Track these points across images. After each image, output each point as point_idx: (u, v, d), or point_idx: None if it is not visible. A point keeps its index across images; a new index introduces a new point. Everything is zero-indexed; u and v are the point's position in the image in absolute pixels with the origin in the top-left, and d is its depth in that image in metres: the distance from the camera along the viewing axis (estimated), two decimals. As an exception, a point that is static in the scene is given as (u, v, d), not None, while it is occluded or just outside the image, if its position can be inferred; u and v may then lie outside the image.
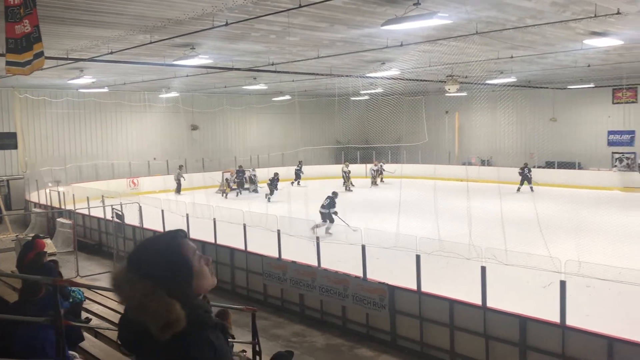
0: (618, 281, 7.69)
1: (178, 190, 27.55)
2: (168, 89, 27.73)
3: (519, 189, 26.16)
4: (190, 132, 33.08)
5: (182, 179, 27.97)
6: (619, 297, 9.60)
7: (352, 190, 27.98)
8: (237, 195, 27.45)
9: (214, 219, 13.52)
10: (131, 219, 15.93)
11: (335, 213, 17.10)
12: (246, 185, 28.55)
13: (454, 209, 19.21)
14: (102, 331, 6.96)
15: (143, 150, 30.90)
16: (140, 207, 15.80)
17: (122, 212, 15.95)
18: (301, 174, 31.01)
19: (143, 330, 1.67)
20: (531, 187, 26.20)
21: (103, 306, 8.54)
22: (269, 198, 24.61)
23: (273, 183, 25.37)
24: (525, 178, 26.57)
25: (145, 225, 15.56)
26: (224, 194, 27.24)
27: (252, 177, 28.98)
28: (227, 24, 11.05)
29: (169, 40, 13.24)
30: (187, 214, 14.06)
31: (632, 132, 29.14)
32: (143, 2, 9.92)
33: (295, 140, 34.18)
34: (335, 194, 17.96)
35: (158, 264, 1.77)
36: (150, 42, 13.26)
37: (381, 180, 31.27)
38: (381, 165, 31.78)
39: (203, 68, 18.49)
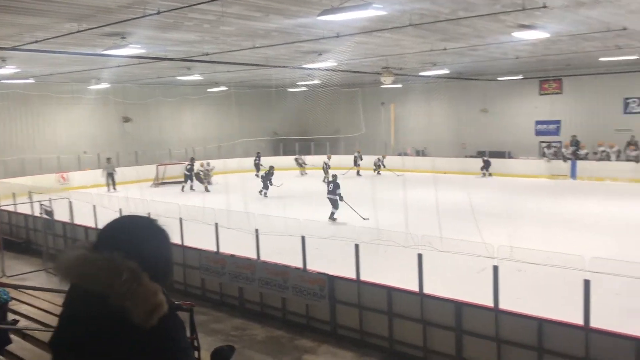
0: (547, 265, 7.99)
1: (113, 184, 26.32)
2: (98, 80, 26.72)
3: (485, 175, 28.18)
4: (122, 124, 32.12)
5: (114, 173, 26.68)
6: (547, 280, 10.01)
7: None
8: (182, 189, 26.22)
9: (148, 213, 13.16)
10: (61, 215, 15.31)
11: (341, 198, 17.24)
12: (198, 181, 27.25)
13: (391, 198, 19.55)
14: (31, 332, 6.66)
15: (73, 143, 29.74)
16: (70, 203, 15.21)
17: (51, 208, 15.30)
18: (261, 166, 30.54)
19: (109, 325, 1.56)
20: (490, 173, 28.00)
21: (32, 306, 8.16)
22: (264, 193, 23.16)
23: (267, 177, 23.76)
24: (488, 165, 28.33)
25: (77, 222, 15.01)
26: (183, 187, 26.28)
27: (207, 171, 27.26)
28: (159, 13, 10.76)
29: (98, 29, 12.76)
30: (120, 209, 13.63)
31: (558, 122, 30.46)
32: (69, -12, 9.51)
33: (232, 132, 33.81)
34: (335, 176, 18.19)
35: (144, 246, 1.69)
36: (78, 31, 12.74)
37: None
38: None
39: (135, 58, 17.96)
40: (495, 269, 7.93)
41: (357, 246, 9.44)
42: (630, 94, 27.98)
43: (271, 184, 23.50)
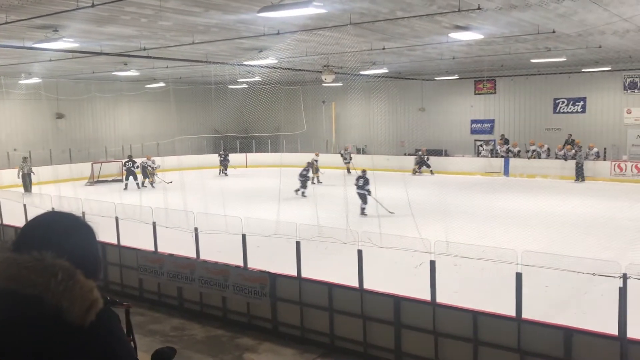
0: (481, 259, 8.25)
1: (28, 187, 23.79)
2: (29, 74, 25.63)
3: (415, 172, 28.68)
4: (55, 120, 30.92)
5: (31, 173, 24.27)
6: (482, 274, 10.34)
7: (321, 182, 26.04)
8: (126, 187, 25.41)
9: (83, 212, 12.74)
10: (-12, 215, 14.63)
11: (369, 193, 17.85)
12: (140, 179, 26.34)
13: (332, 195, 19.68)
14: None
15: (1, 140, 28.42)
16: (-1, 202, 14.56)
17: (-23, 208, 14.59)
18: (227, 163, 30.74)
19: (45, 326, 1.51)
20: (431, 171, 28.63)
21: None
22: (302, 193, 21.79)
23: (307, 175, 22.67)
24: (424, 163, 28.89)
25: (5, 222, 14.37)
26: (126, 186, 25.45)
27: (150, 167, 26.49)
28: (93, 6, 10.41)
29: (28, 21, 12.23)
30: (53, 208, 13.14)
31: (492, 120, 31.51)
32: (-5, -23, 9.08)
33: (171, 129, 33.15)
34: (364, 171, 18.49)
35: (73, 243, 1.64)
36: (6, 22, 12.15)
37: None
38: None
39: (68, 52, 17.31)
40: (432, 263, 8.13)
41: (298, 243, 9.47)
42: (560, 95, 29.27)
43: (318, 182, 22.61)
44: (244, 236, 10.10)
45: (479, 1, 11.33)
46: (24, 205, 13.77)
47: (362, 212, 17.87)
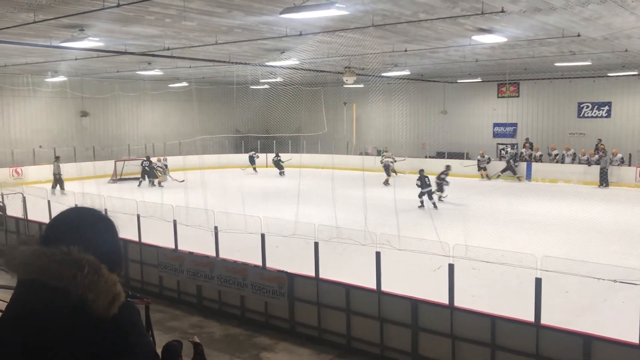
0: (500, 263, 8.21)
1: (61, 185, 23.99)
2: (55, 72, 26.08)
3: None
4: (80, 118, 31.39)
5: (60, 174, 24.38)
6: (501, 278, 10.27)
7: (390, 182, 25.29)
8: (140, 184, 25.96)
9: (105, 209, 12.93)
10: (14, 210, 14.90)
11: (447, 184, 19.38)
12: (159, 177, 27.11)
13: (351, 197, 19.69)
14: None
15: (27, 137, 28.94)
16: (24, 198, 14.81)
17: (3, 204, 14.89)
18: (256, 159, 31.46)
19: (70, 317, 1.58)
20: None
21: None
22: (439, 197, 20.07)
23: (444, 179, 20.79)
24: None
25: (30, 217, 14.62)
26: (140, 183, 26.04)
27: (163, 167, 27.38)
28: (118, 5, 10.57)
29: (56, 21, 12.45)
30: (76, 205, 13.35)
31: (515, 124, 31.22)
32: (25, -23, 9.26)
33: (193, 129, 33.45)
34: (448, 166, 20.37)
35: (97, 237, 1.71)
36: (35, 22, 12.40)
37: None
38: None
39: (93, 51, 17.59)
40: (451, 267, 8.10)
41: (316, 244, 9.49)
42: (584, 99, 28.88)
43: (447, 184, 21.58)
44: (263, 236, 10.16)
45: (502, 4, 11.27)
46: (48, 202, 14.01)
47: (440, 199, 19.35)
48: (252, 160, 31.83)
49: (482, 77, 29.32)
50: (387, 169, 27.01)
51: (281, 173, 30.37)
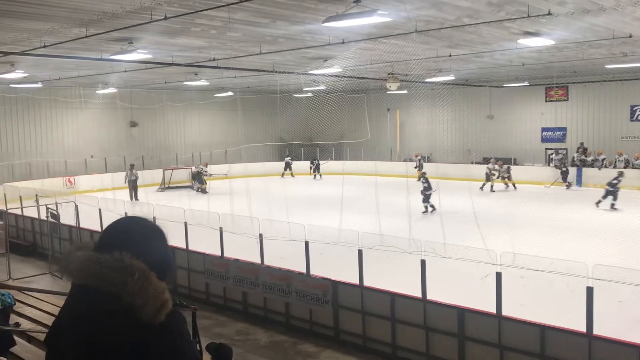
0: (549, 271, 8.01)
1: (135, 194, 25.08)
2: (105, 84, 26.91)
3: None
4: (129, 128, 32.27)
5: (136, 179, 25.54)
6: (550, 287, 10.00)
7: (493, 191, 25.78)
8: (200, 190, 27.33)
9: (154, 217, 13.25)
10: (67, 218, 15.42)
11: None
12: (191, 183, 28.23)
13: (395, 204, 19.54)
14: (35, 335, 6.71)
15: (79, 148, 29.92)
16: (76, 206, 15.31)
17: (57, 212, 15.40)
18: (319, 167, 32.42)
19: (120, 321, 1.64)
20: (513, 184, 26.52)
21: (37, 309, 8.23)
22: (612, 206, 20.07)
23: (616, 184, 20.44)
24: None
25: (82, 225, 15.09)
26: (200, 190, 27.24)
27: (202, 172, 28.36)
28: (166, 18, 10.84)
29: (106, 34, 12.86)
30: (126, 213, 13.71)
31: (564, 129, 30.43)
32: (77, -6, 9.60)
33: (238, 137, 33.93)
34: (621, 172, 20.76)
35: (148, 246, 1.78)
36: (86, 36, 12.84)
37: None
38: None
39: (142, 63, 18.07)
40: (498, 275, 7.95)
41: (360, 252, 9.47)
42: (637, 101, 27.91)
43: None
44: (306, 243, 10.21)
45: (549, 6, 11.02)
46: (99, 210, 14.44)
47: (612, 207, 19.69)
48: (288, 166, 32.51)
49: (529, 80, 28.71)
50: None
51: (315, 177, 31.67)
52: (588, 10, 11.63)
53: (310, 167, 32.98)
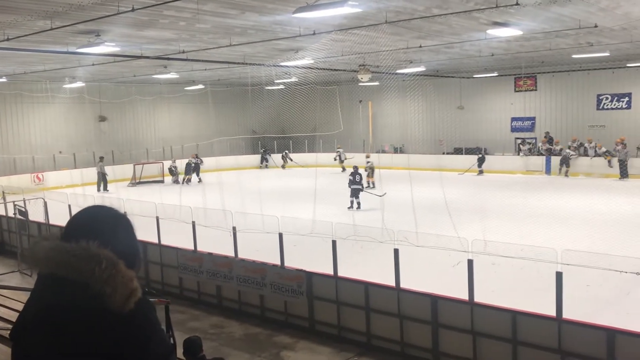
0: (519, 257, 8.15)
1: (104, 186, 25.88)
2: (73, 78, 26.40)
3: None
4: (98, 123, 31.75)
5: (105, 174, 26.22)
6: (520, 273, 10.18)
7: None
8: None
9: (125, 212, 13.06)
10: (36, 215, 15.13)
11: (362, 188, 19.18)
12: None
13: (368, 195, 19.64)
14: (5, 333, 6.58)
15: (47, 143, 29.34)
16: (45, 203, 15.03)
17: (25, 209, 15.10)
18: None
19: (88, 310, 1.61)
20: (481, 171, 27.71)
21: (6, 307, 8.06)
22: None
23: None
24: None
25: (52, 222, 14.82)
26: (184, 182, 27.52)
27: (172, 168, 28.68)
28: (133, 10, 10.67)
29: (72, 27, 12.60)
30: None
31: (533, 118, 30.92)
32: (40, -16, 9.38)
33: (210, 131, 33.67)
34: (356, 167, 19.92)
35: (115, 234, 1.75)
36: (51, 29, 12.57)
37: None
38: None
39: (110, 56, 17.78)
40: (470, 262, 8.05)
41: (334, 242, 9.50)
42: (603, 91, 28.49)
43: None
44: (280, 235, 10.20)
45: (517, -4, 11.15)
46: (69, 206, 14.18)
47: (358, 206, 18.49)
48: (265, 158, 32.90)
49: (499, 71, 29.06)
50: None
51: (283, 166, 32.54)
52: (555, 0, 11.80)
53: (283, 158, 33.27)
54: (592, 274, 8.62)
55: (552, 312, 7.41)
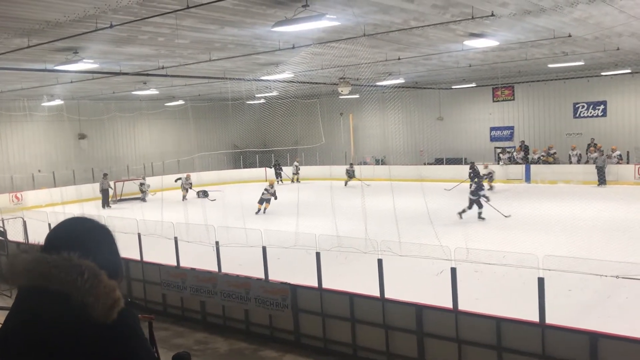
0: (502, 264, 8.22)
1: (106, 202, 26.37)
2: (51, 96, 26.16)
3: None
4: (78, 141, 31.47)
5: (110, 189, 26.80)
6: (503, 280, 10.25)
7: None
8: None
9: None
10: (15, 235, 14.90)
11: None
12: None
13: (351, 207, 19.67)
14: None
15: (26, 162, 28.99)
16: (24, 222, 14.82)
17: (3, 229, 14.88)
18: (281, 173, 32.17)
19: (72, 321, 1.61)
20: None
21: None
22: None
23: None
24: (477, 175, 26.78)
25: (31, 241, 14.61)
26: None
27: (141, 185, 28.43)
28: (111, 26, 10.65)
29: (49, 44, 12.54)
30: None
31: (511, 127, 31.32)
32: (17, 2, 9.33)
33: (191, 146, 33.54)
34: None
35: (96, 245, 1.75)
36: (29, 47, 12.49)
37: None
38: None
39: (88, 73, 17.69)
40: (453, 270, 8.09)
41: (318, 254, 9.49)
42: (579, 99, 29.00)
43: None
44: (264, 248, 10.17)
45: (492, 8, 11.36)
46: (49, 225, 14.00)
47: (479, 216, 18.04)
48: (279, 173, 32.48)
49: (477, 82, 29.43)
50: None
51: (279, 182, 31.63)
52: (529, 10, 12.03)
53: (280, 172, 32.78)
54: (574, 279, 8.71)
55: (535, 318, 7.47)
